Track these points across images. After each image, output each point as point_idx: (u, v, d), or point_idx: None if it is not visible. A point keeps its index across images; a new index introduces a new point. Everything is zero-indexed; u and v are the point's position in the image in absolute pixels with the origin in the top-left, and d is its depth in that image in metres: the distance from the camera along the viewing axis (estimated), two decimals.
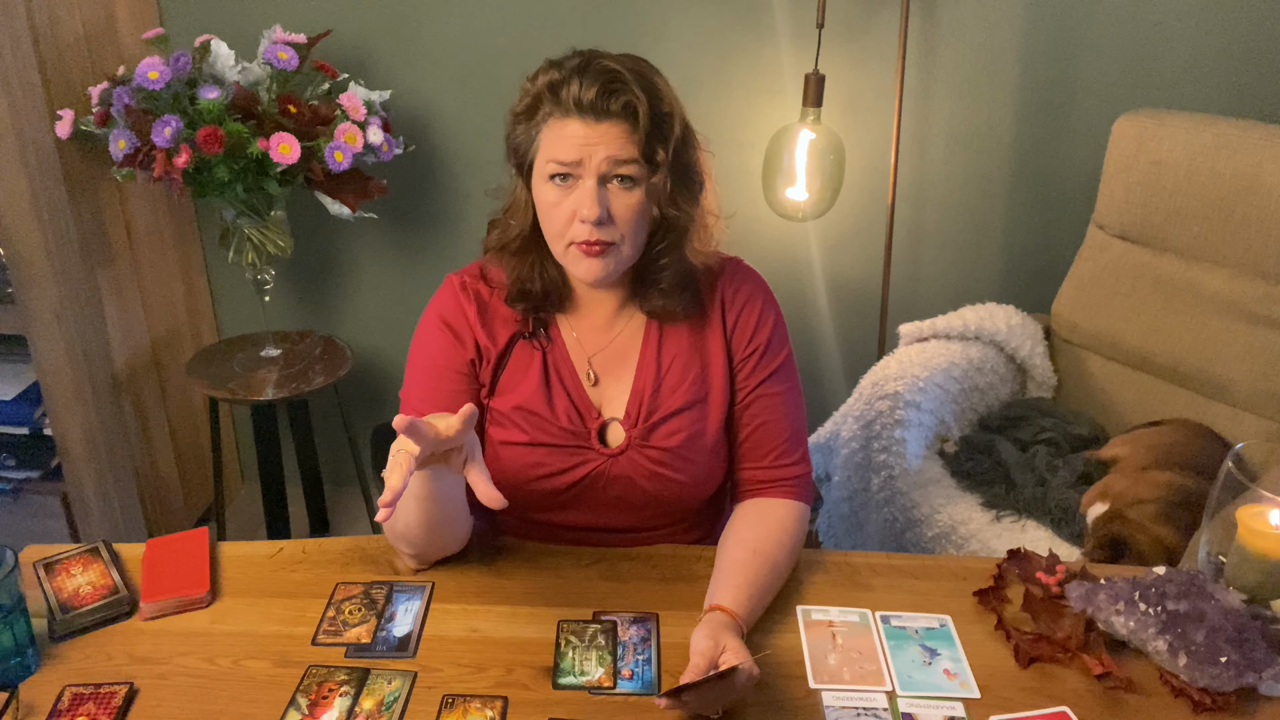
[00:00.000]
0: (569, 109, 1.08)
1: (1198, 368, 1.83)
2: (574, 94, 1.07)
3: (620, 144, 1.08)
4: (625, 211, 1.11)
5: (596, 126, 1.08)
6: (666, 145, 1.11)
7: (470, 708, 1.00)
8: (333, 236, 2.31)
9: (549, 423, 1.21)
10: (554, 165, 1.10)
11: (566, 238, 1.12)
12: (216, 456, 2.20)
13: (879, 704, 1.02)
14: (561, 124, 1.09)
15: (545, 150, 1.11)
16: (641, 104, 1.08)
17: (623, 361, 1.23)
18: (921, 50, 2.06)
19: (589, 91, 1.07)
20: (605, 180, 1.10)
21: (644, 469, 1.21)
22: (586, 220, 1.09)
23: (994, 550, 1.63)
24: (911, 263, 2.26)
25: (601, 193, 1.09)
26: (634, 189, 1.11)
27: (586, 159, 1.08)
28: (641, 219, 1.13)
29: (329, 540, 1.25)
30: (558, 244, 1.14)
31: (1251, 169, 1.73)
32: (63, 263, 1.90)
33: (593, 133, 1.08)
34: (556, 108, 1.09)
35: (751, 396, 1.24)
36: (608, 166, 1.09)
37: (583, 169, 1.09)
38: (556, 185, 1.11)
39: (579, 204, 1.10)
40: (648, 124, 1.09)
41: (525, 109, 1.12)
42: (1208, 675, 1.00)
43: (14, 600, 1.02)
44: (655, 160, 1.11)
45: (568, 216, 1.11)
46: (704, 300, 1.24)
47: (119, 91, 1.77)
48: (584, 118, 1.08)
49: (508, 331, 1.22)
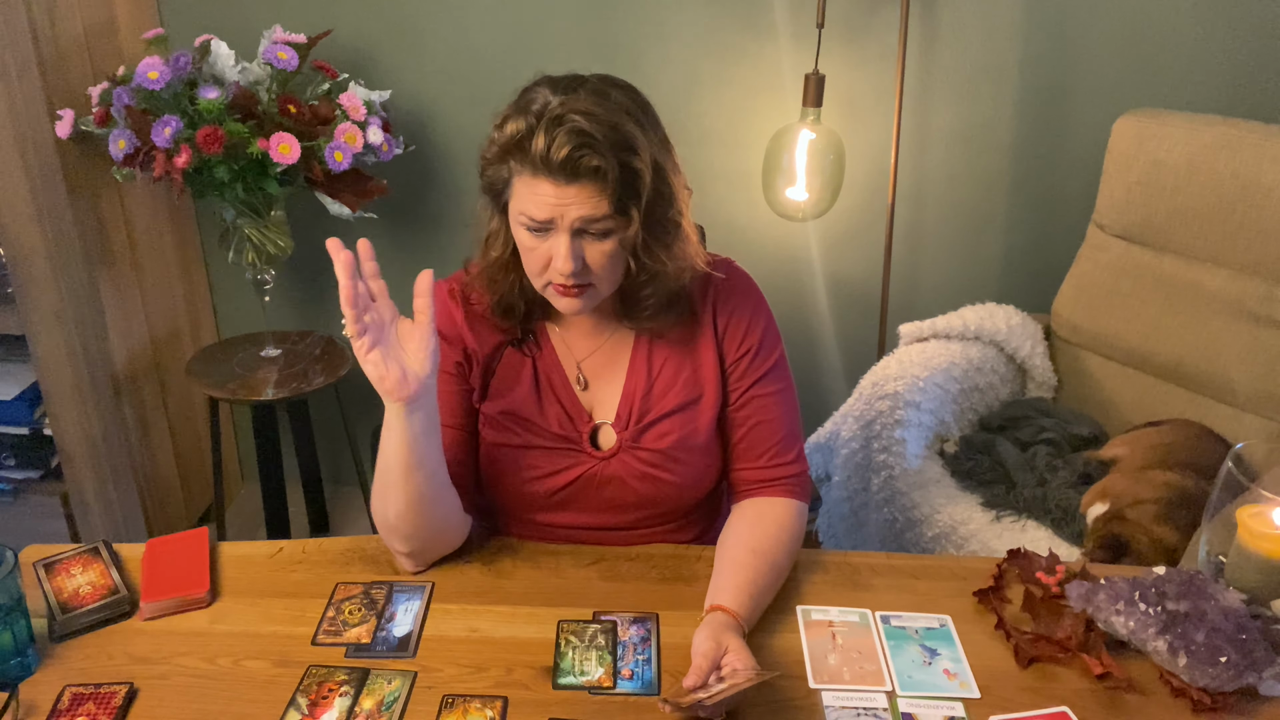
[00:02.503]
0: (538, 168, 1.05)
1: (1198, 368, 1.83)
2: (541, 152, 1.03)
3: (592, 204, 1.06)
4: (600, 258, 1.10)
5: (567, 188, 1.05)
6: (639, 202, 1.09)
7: (470, 708, 1.00)
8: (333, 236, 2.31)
9: (540, 427, 1.21)
10: (527, 219, 1.08)
11: (544, 278, 1.13)
12: (216, 456, 2.20)
13: (879, 704, 1.02)
14: (532, 181, 1.06)
15: (517, 202, 1.09)
16: (611, 170, 1.05)
17: (613, 365, 1.24)
18: (921, 50, 2.06)
19: (560, 151, 1.03)
20: (580, 233, 1.09)
21: (635, 470, 1.21)
22: (561, 271, 1.09)
23: (994, 550, 1.63)
24: (911, 263, 2.26)
25: (575, 245, 1.08)
26: (608, 238, 1.10)
27: (559, 218, 1.07)
28: (616, 261, 1.12)
29: (329, 540, 1.25)
30: (536, 281, 1.14)
31: (1252, 169, 1.73)
32: (63, 263, 1.90)
33: (564, 193, 1.05)
34: (525, 164, 1.06)
35: (745, 398, 1.24)
36: (581, 224, 1.07)
37: (555, 226, 1.08)
38: (531, 234, 1.10)
39: (554, 254, 1.09)
40: (617, 186, 1.06)
41: (494, 157, 1.09)
42: (1208, 675, 1.00)
43: (14, 600, 1.02)
44: (629, 214, 1.09)
45: (544, 262, 1.11)
46: (695, 305, 1.24)
47: (119, 91, 1.77)
48: (554, 179, 1.05)
49: (495, 337, 1.23)
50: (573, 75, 1.10)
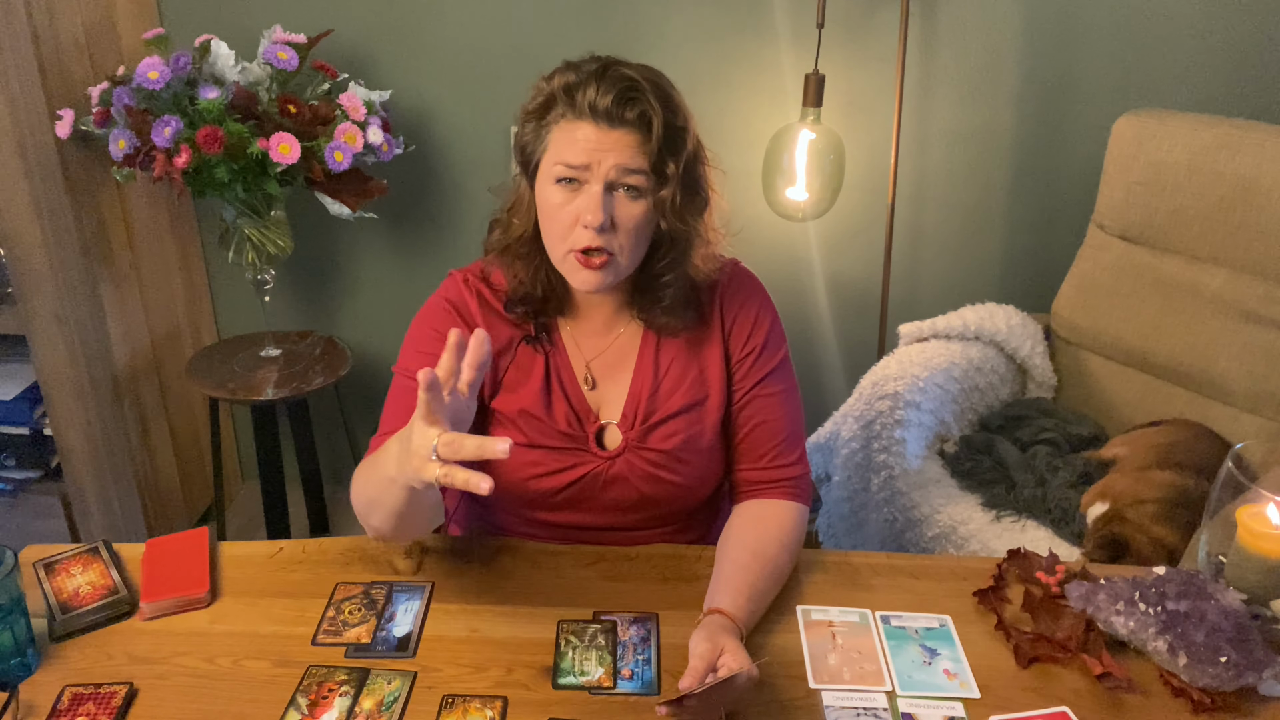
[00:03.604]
0: (582, 112, 1.07)
1: (1198, 368, 1.83)
2: (589, 98, 1.06)
3: (631, 153, 1.08)
4: (628, 221, 1.11)
5: (609, 133, 1.07)
6: (678, 159, 1.10)
7: (470, 708, 1.00)
8: (333, 236, 2.31)
9: (547, 426, 1.21)
10: (561, 168, 1.09)
11: (567, 243, 1.12)
12: (216, 456, 2.20)
13: (879, 704, 1.02)
14: (573, 126, 1.08)
15: (554, 151, 1.10)
16: (657, 115, 1.07)
17: (620, 365, 1.24)
18: (921, 50, 2.06)
19: (605, 98, 1.06)
20: (611, 188, 1.10)
21: (640, 471, 1.21)
22: (589, 226, 1.09)
23: (994, 550, 1.63)
24: (911, 263, 2.26)
25: (607, 199, 1.09)
26: (639, 199, 1.11)
27: (595, 164, 1.08)
28: (643, 230, 1.13)
29: (329, 540, 1.25)
30: (558, 248, 1.14)
31: (1252, 169, 1.73)
32: (63, 263, 1.90)
33: (605, 138, 1.07)
34: (570, 110, 1.08)
35: (748, 397, 1.24)
36: (616, 174, 1.08)
37: (590, 174, 1.09)
38: (562, 188, 1.10)
39: (583, 209, 1.09)
40: (661, 136, 1.08)
41: (538, 107, 1.11)
42: (1208, 675, 1.00)
43: (14, 600, 1.02)
44: (665, 173, 1.10)
45: (570, 220, 1.11)
46: (704, 306, 1.24)
47: (119, 91, 1.77)
48: (597, 123, 1.07)
49: (507, 331, 1.22)
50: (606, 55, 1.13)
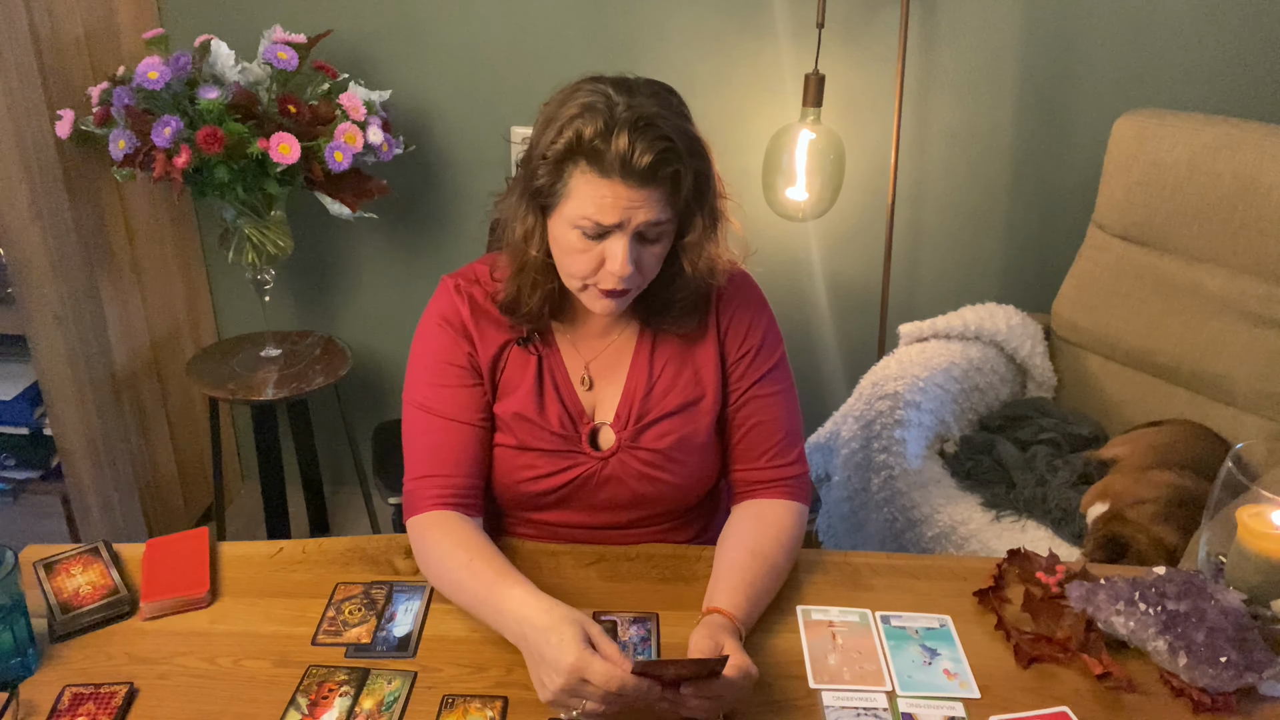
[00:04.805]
0: (611, 169, 1.02)
1: (1198, 368, 1.83)
2: (621, 154, 1.01)
3: (660, 207, 1.06)
4: (650, 260, 1.11)
5: (638, 192, 1.04)
6: (703, 204, 1.10)
7: (470, 708, 1.00)
8: (333, 236, 2.31)
9: (540, 427, 1.21)
10: (589, 223, 1.06)
11: (588, 280, 1.11)
12: (216, 456, 2.20)
13: (879, 704, 1.02)
14: (599, 183, 1.03)
15: (578, 204, 1.05)
16: (688, 176, 1.06)
17: (616, 365, 1.24)
18: (921, 50, 2.06)
19: (643, 157, 1.01)
20: (636, 236, 1.08)
21: (634, 470, 1.21)
22: (617, 274, 1.08)
23: (994, 550, 1.63)
24: (911, 263, 2.26)
25: (632, 248, 1.07)
26: (659, 241, 1.10)
27: (626, 221, 1.06)
28: (659, 263, 1.13)
29: (329, 540, 1.25)
30: (575, 281, 1.13)
31: (1252, 169, 1.73)
32: (63, 263, 1.90)
33: (635, 196, 1.04)
34: (595, 164, 1.03)
35: (745, 398, 1.24)
36: (644, 227, 1.07)
37: (618, 229, 1.06)
38: (582, 233, 1.07)
39: (609, 257, 1.07)
40: (690, 189, 1.08)
41: (556, 157, 1.05)
42: (1208, 675, 1.00)
43: (14, 600, 1.02)
44: (692, 221, 1.10)
45: (593, 265, 1.09)
46: (704, 309, 1.24)
47: (119, 91, 1.77)
48: (627, 182, 1.03)
49: (500, 335, 1.22)
50: (618, 76, 1.08)
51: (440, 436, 1.18)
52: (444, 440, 1.18)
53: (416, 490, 1.17)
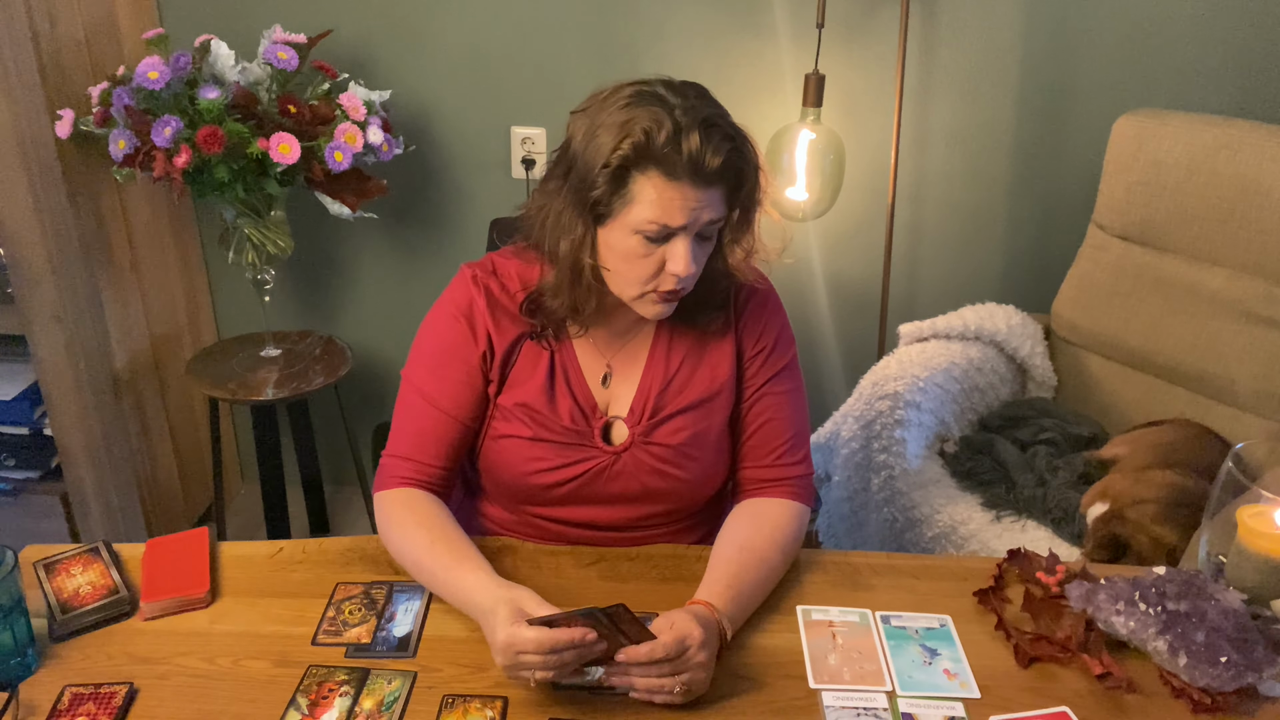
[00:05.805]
0: (680, 172, 1.03)
1: (1198, 368, 1.83)
2: (694, 154, 1.02)
3: (719, 206, 1.08)
4: (703, 257, 1.12)
5: (705, 192, 1.05)
6: (753, 200, 1.12)
7: (470, 708, 1.00)
8: (333, 236, 2.31)
9: (551, 420, 1.21)
10: (655, 227, 1.05)
11: (649, 285, 1.11)
12: (216, 456, 2.20)
13: (879, 704, 1.02)
14: (667, 186, 1.03)
15: (644, 209, 1.05)
16: (751, 174, 1.08)
17: (634, 361, 1.24)
18: (921, 50, 2.06)
19: (715, 157, 1.02)
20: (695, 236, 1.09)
21: (647, 466, 1.21)
22: (680, 275, 1.08)
23: (994, 550, 1.63)
24: (911, 263, 2.26)
25: (693, 248, 1.09)
26: (711, 238, 1.12)
27: (692, 222, 1.06)
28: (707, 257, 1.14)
29: (329, 540, 1.25)
30: (633, 289, 1.12)
31: (1252, 169, 1.73)
32: (63, 263, 1.90)
33: (702, 196, 1.05)
34: (659, 166, 1.03)
35: (758, 394, 1.24)
36: (705, 227, 1.08)
37: (683, 230, 1.07)
38: (647, 239, 1.07)
39: (671, 259, 1.08)
40: (748, 189, 1.09)
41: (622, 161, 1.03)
42: (1208, 675, 1.00)
43: (14, 600, 1.02)
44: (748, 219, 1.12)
45: (654, 269, 1.09)
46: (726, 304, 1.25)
47: (119, 91, 1.77)
48: (695, 182, 1.04)
49: (515, 328, 1.22)
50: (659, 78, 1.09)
51: (429, 424, 1.20)
52: (431, 428, 1.20)
53: (392, 466, 1.20)
